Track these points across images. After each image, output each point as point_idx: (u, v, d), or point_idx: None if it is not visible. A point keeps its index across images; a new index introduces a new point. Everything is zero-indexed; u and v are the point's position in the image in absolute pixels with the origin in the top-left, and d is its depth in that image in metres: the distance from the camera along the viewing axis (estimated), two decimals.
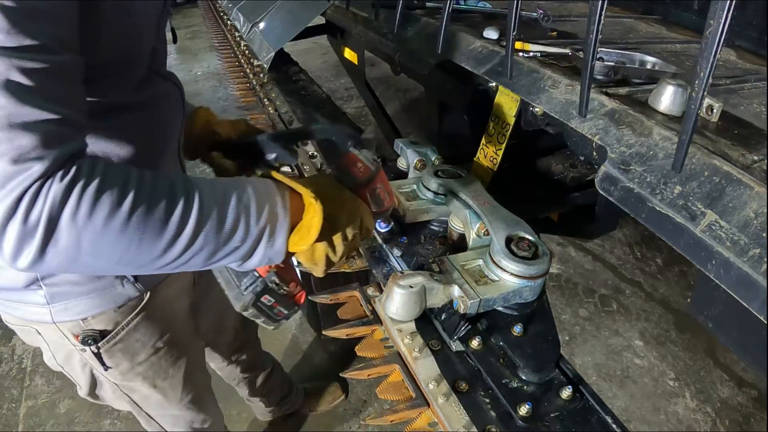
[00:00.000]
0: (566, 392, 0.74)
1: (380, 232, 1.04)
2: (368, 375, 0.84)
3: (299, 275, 0.78)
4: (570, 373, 0.80)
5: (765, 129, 0.76)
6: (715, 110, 0.74)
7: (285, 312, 0.76)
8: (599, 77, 0.88)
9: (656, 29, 1.43)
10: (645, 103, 0.80)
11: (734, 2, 0.51)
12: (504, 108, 1.10)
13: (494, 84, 1.05)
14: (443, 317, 0.83)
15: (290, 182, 0.66)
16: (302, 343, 2.26)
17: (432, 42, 1.16)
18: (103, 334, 0.87)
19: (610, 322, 2.41)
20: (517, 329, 0.81)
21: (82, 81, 0.56)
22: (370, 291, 0.96)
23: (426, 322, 0.86)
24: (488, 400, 0.75)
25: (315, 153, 1.42)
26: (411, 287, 0.80)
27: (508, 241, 0.86)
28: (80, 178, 0.49)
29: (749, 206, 0.59)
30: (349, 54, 1.93)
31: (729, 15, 0.52)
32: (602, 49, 0.96)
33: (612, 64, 0.91)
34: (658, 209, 0.67)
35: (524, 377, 0.77)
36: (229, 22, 2.80)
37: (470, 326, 0.81)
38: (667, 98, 0.77)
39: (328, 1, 1.77)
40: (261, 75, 2.07)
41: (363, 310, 0.93)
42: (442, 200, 1.03)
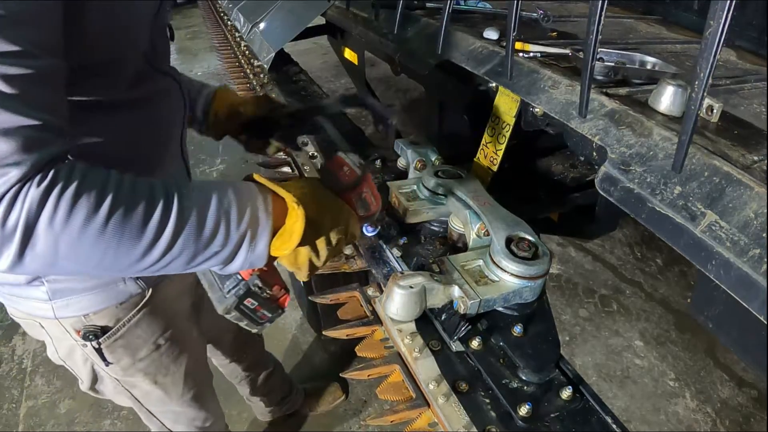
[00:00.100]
0: (566, 392, 0.74)
1: (367, 236, 1.04)
2: (368, 375, 0.84)
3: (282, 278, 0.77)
4: (570, 374, 0.80)
5: (765, 129, 0.76)
6: (715, 110, 0.74)
7: (268, 315, 0.75)
8: (599, 78, 0.88)
9: (656, 29, 1.43)
10: (645, 104, 0.80)
11: (734, 2, 0.51)
12: (504, 108, 1.10)
13: (494, 84, 1.05)
14: (443, 317, 0.83)
15: (273, 186, 0.65)
16: (302, 344, 2.26)
17: (432, 42, 1.16)
18: (105, 330, 0.88)
19: (611, 323, 2.41)
20: (517, 329, 0.81)
21: (65, 84, 0.56)
22: (371, 291, 0.97)
23: (426, 323, 0.86)
24: (488, 401, 0.75)
25: (315, 153, 1.42)
26: (411, 287, 0.80)
27: (508, 242, 0.86)
28: (57, 183, 0.49)
29: (749, 206, 0.59)
30: (350, 54, 1.94)
31: (729, 15, 0.52)
32: (602, 50, 0.96)
33: (612, 65, 0.91)
34: (658, 210, 0.67)
35: (524, 377, 0.77)
36: (230, 23, 2.80)
37: (470, 326, 0.81)
38: (667, 99, 0.77)
39: (329, 2, 1.77)
40: (261, 75, 2.07)
41: (363, 311, 0.94)
42: (442, 200, 1.03)
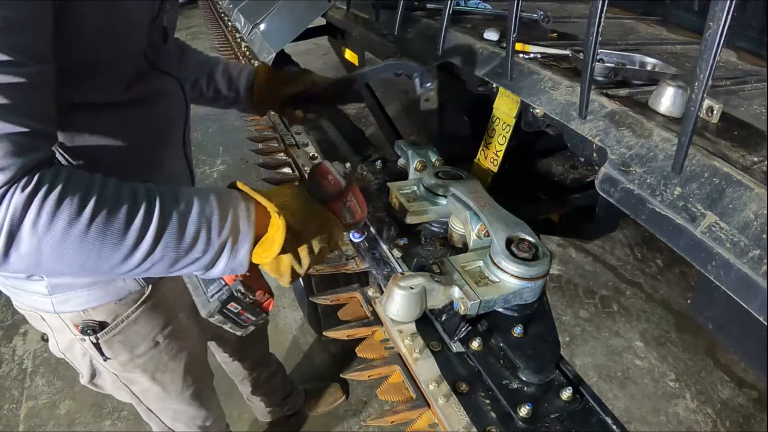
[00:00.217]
0: (566, 393, 0.74)
1: (354, 243, 1.04)
2: (369, 376, 0.84)
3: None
4: (570, 374, 0.80)
5: (765, 130, 0.76)
6: (715, 111, 0.74)
7: (253, 318, 0.76)
8: (599, 78, 0.88)
9: (656, 30, 1.43)
10: (645, 105, 0.80)
11: (734, 3, 0.51)
12: (504, 109, 1.10)
13: (495, 85, 1.05)
14: (444, 318, 0.83)
15: (255, 195, 0.67)
16: (303, 344, 2.27)
17: (432, 43, 1.16)
18: (103, 326, 0.89)
19: (611, 323, 2.41)
20: (518, 330, 0.81)
21: (58, 86, 0.58)
22: (371, 292, 0.97)
23: (426, 323, 0.86)
24: (488, 401, 0.75)
25: (315, 154, 1.42)
26: (411, 288, 0.80)
27: (509, 243, 0.86)
28: (41, 187, 0.51)
29: (749, 207, 0.59)
30: (350, 55, 1.93)
31: (729, 16, 0.52)
32: (602, 51, 0.96)
33: (612, 66, 0.91)
34: (658, 210, 0.67)
35: (524, 378, 0.77)
36: (230, 23, 2.81)
37: (470, 327, 0.81)
38: (667, 100, 0.77)
39: (329, 2, 1.77)
40: None
41: (363, 312, 0.94)
42: (443, 201, 1.04)
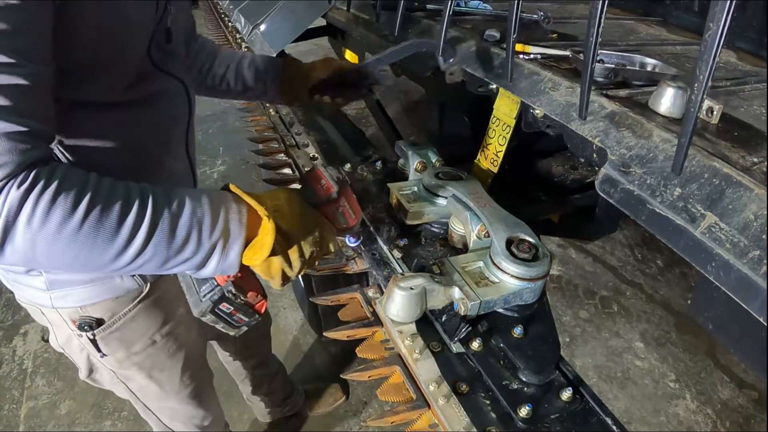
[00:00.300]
0: (566, 394, 0.75)
1: (349, 247, 1.04)
2: (369, 376, 0.84)
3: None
4: (570, 375, 0.80)
5: (765, 131, 0.76)
6: (715, 112, 0.74)
7: (245, 319, 0.77)
8: (599, 79, 0.88)
9: (656, 31, 1.43)
10: (645, 105, 0.80)
11: (734, 4, 0.51)
12: (504, 110, 1.10)
13: (495, 86, 1.05)
14: (444, 319, 0.83)
15: (247, 198, 0.68)
16: (303, 345, 2.27)
17: None
18: (100, 322, 0.89)
19: (611, 324, 2.41)
20: (518, 331, 0.81)
21: (56, 86, 0.59)
22: (371, 293, 0.97)
23: (426, 324, 0.86)
24: (488, 402, 0.75)
25: (316, 155, 1.42)
26: (411, 289, 0.80)
27: (509, 243, 0.86)
28: (37, 185, 0.52)
29: (749, 208, 0.59)
30: (350, 56, 1.93)
31: (729, 17, 0.52)
32: (602, 51, 0.96)
33: (612, 66, 0.91)
34: (658, 211, 0.67)
35: (524, 379, 0.77)
36: (230, 24, 2.80)
37: (471, 328, 0.81)
38: (668, 100, 0.77)
39: (329, 3, 1.78)
40: None
41: (364, 312, 0.94)
42: (443, 202, 1.04)
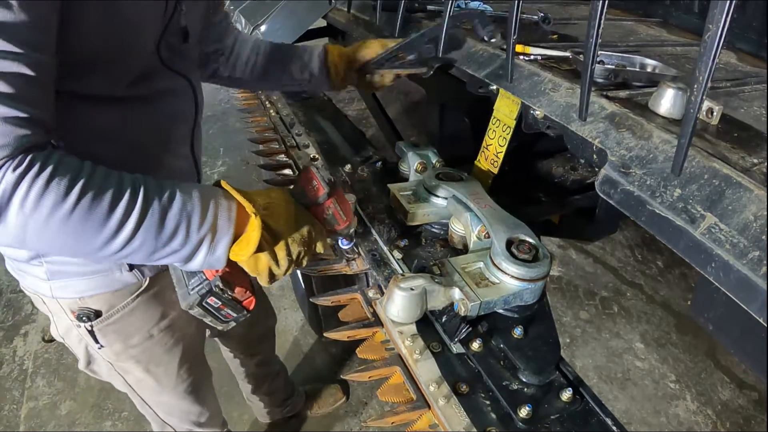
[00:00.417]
0: (566, 394, 0.75)
1: (341, 250, 1.04)
2: (369, 377, 0.84)
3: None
4: (570, 375, 0.80)
5: (765, 132, 0.76)
6: (715, 113, 0.74)
7: (233, 315, 0.77)
8: (599, 80, 0.88)
9: (657, 32, 1.43)
10: (645, 106, 0.80)
11: (733, 5, 0.51)
12: (505, 111, 1.10)
13: (495, 87, 1.05)
14: (444, 319, 0.83)
15: (237, 194, 0.69)
16: (304, 346, 2.27)
17: (433, 45, 1.16)
18: (98, 314, 0.90)
19: (611, 325, 2.41)
20: (518, 331, 0.81)
21: (59, 78, 0.60)
22: (371, 293, 0.97)
23: (427, 325, 0.86)
24: (488, 402, 0.75)
25: (317, 155, 1.42)
26: (412, 289, 0.80)
27: (509, 244, 0.86)
28: (32, 169, 0.54)
29: (749, 209, 0.59)
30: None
31: (728, 17, 0.52)
32: (602, 52, 0.96)
33: (612, 67, 0.91)
34: (658, 212, 0.67)
35: (524, 379, 0.77)
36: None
37: (471, 328, 0.81)
38: (667, 101, 0.77)
39: (330, 4, 1.78)
40: None
41: (364, 313, 0.94)
42: (443, 203, 1.04)
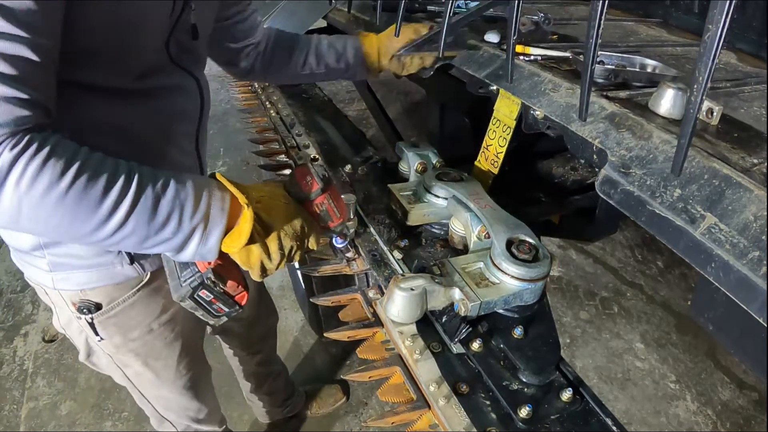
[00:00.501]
0: (566, 394, 0.75)
1: (336, 247, 1.04)
2: (369, 377, 0.84)
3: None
4: (570, 376, 0.80)
5: (765, 132, 0.76)
6: (715, 113, 0.74)
7: (225, 309, 0.77)
8: (599, 80, 0.88)
9: (657, 32, 1.44)
10: (645, 107, 0.80)
11: (733, 5, 0.51)
12: (505, 111, 1.10)
13: (495, 87, 1.05)
14: (444, 320, 0.83)
15: (230, 186, 0.69)
16: (304, 346, 2.27)
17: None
18: (98, 307, 0.91)
19: (611, 325, 2.41)
20: (518, 332, 0.81)
21: (61, 66, 0.61)
22: (372, 293, 0.97)
23: (427, 325, 0.86)
24: (489, 402, 0.75)
25: (317, 156, 1.42)
26: (412, 290, 0.80)
27: (509, 244, 0.86)
28: (28, 149, 0.54)
29: (749, 209, 0.59)
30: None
31: (728, 18, 0.52)
32: (602, 53, 0.96)
33: (612, 68, 0.91)
34: (658, 212, 0.67)
35: (525, 379, 0.77)
36: None
37: (471, 328, 0.81)
38: (668, 101, 0.77)
39: (330, 4, 1.78)
40: None
41: (364, 313, 0.94)
42: (443, 203, 1.04)
